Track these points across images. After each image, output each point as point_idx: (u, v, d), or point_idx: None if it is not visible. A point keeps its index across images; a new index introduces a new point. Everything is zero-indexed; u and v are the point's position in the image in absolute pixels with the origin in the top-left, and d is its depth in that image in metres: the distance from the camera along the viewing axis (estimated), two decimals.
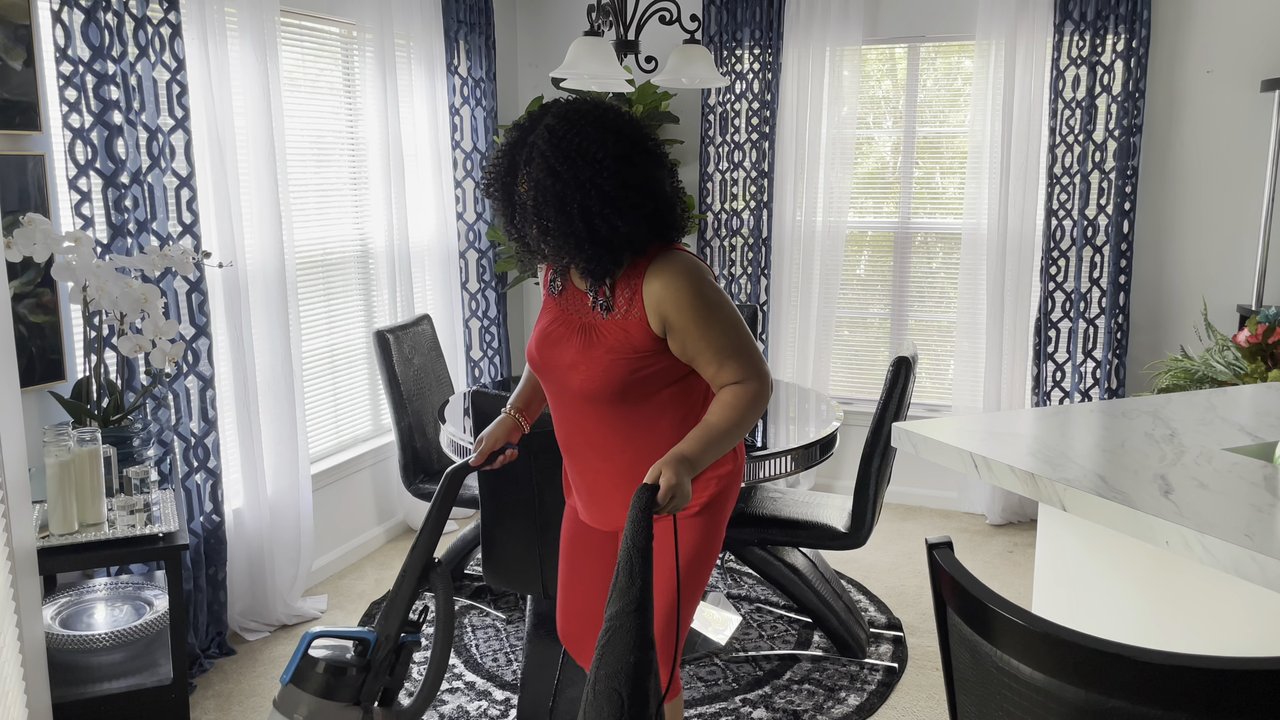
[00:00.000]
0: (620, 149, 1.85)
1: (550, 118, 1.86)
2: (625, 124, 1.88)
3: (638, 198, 1.86)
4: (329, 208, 4.05)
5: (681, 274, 1.89)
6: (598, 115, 1.86)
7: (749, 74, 4.73)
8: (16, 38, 2.69)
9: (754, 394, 1.93)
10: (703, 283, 1.90)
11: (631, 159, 1.86)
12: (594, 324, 1.97)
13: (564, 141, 1.82)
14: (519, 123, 1.92)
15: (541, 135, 1.84)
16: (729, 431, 1.90)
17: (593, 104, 1.89)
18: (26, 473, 2.10)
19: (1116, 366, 4.41)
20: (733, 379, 1.93)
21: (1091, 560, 1.85)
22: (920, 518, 4.72)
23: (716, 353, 1.91)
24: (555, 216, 1.84)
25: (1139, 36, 4.16)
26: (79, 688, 2.41)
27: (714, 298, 1.91)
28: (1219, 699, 0.96)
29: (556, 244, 1.87)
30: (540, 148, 1.83)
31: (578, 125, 1.84)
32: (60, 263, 2.57)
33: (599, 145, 1.83)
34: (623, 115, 1.89)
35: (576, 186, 1.82)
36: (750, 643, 3.43)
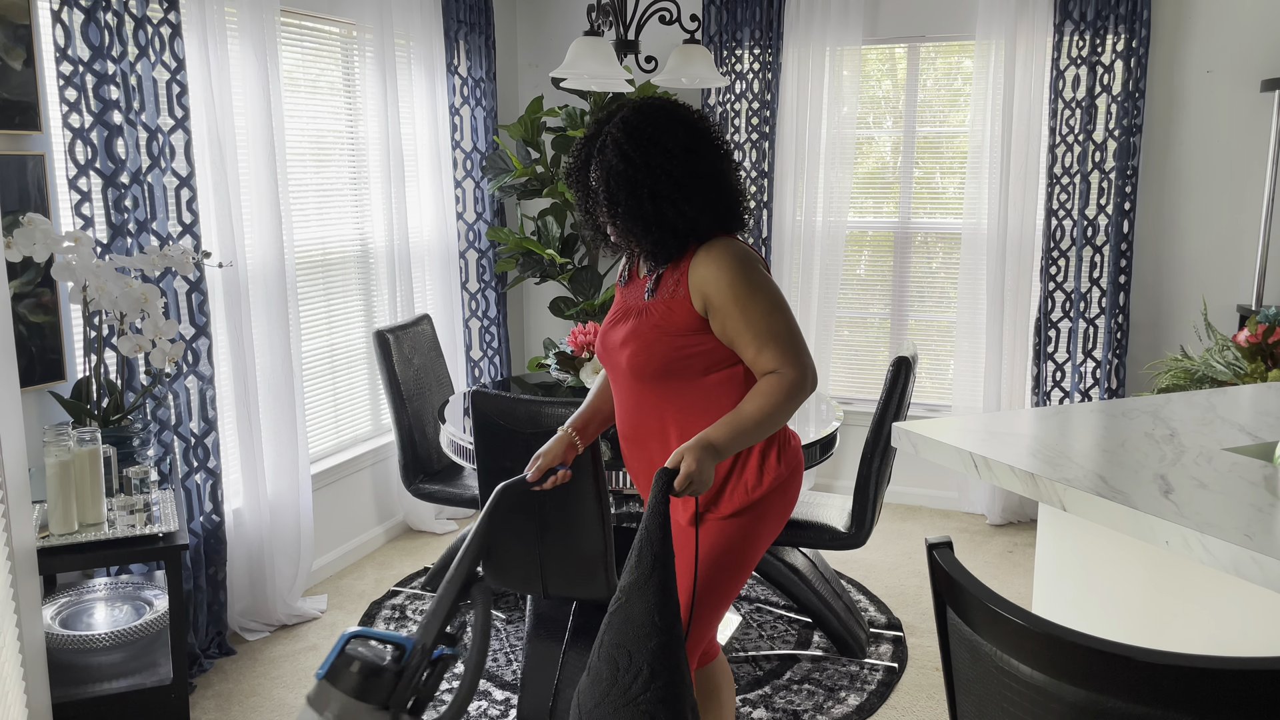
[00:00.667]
0: (690, 140, 1.96)
1: (626, 110, 1.97)
2: (696, 119, 1.99)
3: (704, 186, 1.96)
4: (329, 208, 4.05)
5: (727, 256, 1.94)
6: (670, 109, 1.98)
7: (749, 74, 4.73)
8: (16, 38, 2.69)
9: (791, 384, 1.93)
10: (748, 266, 1.95)
11: (699, 150, 1.96)
12: (646, 306, 2.03)
13: (638, 131, 1.94)
14: (595, 118, 2.05)
15: (617, 125, 1.96)
16: (761, 421, 1.91)
17: (665, 100, 2.01)
18: (26, 473, 2.10)
19: (1116, 366, 4.41)
20: (771, 366, 1.94)
21: (1091, 560, 1.85)
22: (920, 518, 4.72)
23: (755, 335, 1.94)
24: (627, 199, 1.94)
25: (1139, 36, 4.16)
26: (79, 688, 2.41)
27: (757, 280, 1.95)
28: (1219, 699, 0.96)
29: (626, 226, 1.97)
30: (615, 136, 1.95)
31: (651, 116, 1.95)
32: (60, 263, 2.57)
33: (670, 135, 1.94)
34: (693, 111, 2.00)
35: (648, 171, 1.92)
36: (750, 643, 3.43)
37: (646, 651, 1.74)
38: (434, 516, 4.53)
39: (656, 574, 1.77)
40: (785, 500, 2.09)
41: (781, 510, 2.09)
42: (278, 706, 3.06)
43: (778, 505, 2.07)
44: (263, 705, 3.06)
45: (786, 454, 2.08)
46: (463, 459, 3.11)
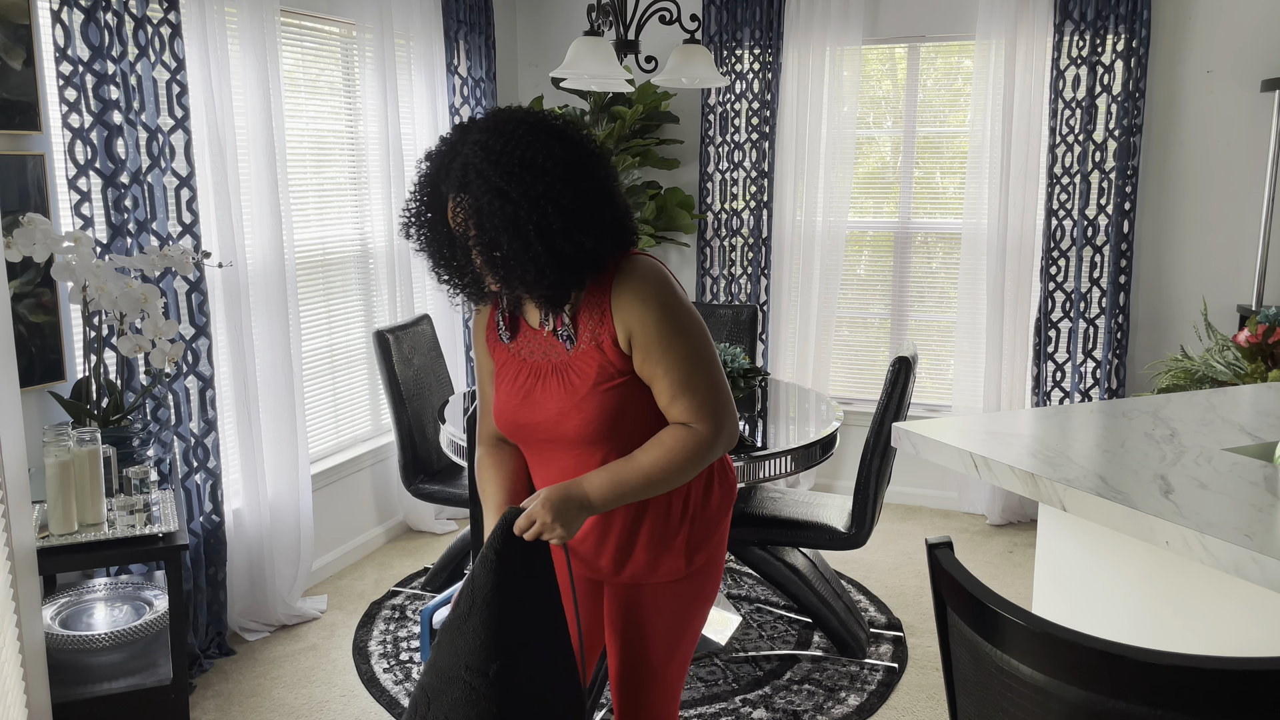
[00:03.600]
0: (568, 154, 1.64)
1: (478, 133, 1.64)
2: (565, 126, 1.68)
3: (596, 205, 1.66)
4: (329, 208, 4.05)
5: (649, 282, 1.69)
6: (532, 122, 1.65)
7: (749, 74, 4.73)
8: (16, 38, 2.69)
9: (700, 442, 1.68)
10: (674, 299, 1.70)
11: (582, 164, 1.65)
12: (566, 361, 1.74)
13: (505, 156, 1.60)
14: (435, 150, 1.70)
15: (475, 154, 1.61)
16: (654, 480, 1.67)
17: (521, 111, 1.68)
18: (26, 473, 2.10)
19: (1116, 366, 4.41)
20: (683, 418, 1.70)
21: (1091, 560, 1.85)
22: (920, 518, 4.72)
23: (672, 383, 1.69)
24: (510, 242, 1.60)
25: (1139, 36, 4.16)
26: (79, 688, 2.41)
27: (685, 319, 1.70)
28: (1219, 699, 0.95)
29: (512, 274, 1.64)
30: (478, 167, 1.60)
31: (514, 135, 1.62)
32: (60, 263, 2.57)
33: (546, 154, 1.62)
34: (557, 117, 1.70)
35: (530, 205, 1.59)
36: (750, 643, 3.43)
37: (445, 703, 1.57)
38: (434, 516, 4.53)
39: (475, 617, 1.58)
40: (725, 530, 1.92)
41: (724, 540, 1.93)
42: (278, 706, 3.06)
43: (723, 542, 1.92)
44: (263, 705, 3.06)
45: (725, 484, 1.89)
46: (463, 459, 3.11)
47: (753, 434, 3.15)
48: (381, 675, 3.23)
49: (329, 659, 3.34)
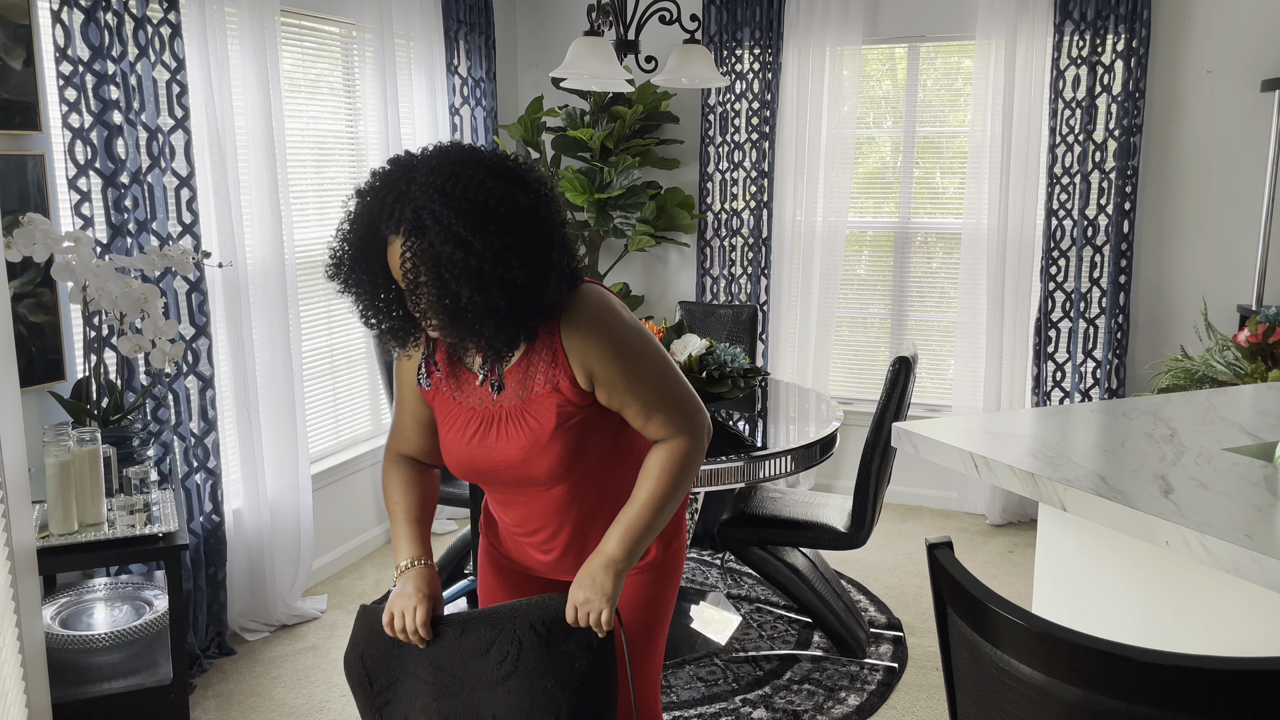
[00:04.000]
0: (528, 199, 1.55)
1: (429, 174, 1.51)
2: (522, 169, 1.58)
3: (556, 255, 1.58)
4: (329, 208, 4.05)
5: (599, 318, 1.64)
6: (491, 165, 1.55)
7: (749, 74, 4.73)
8: (16, 38, 2.69)
9: (685, 454, 1.70)
10: (621, 324, 1.67)
11: (542, 212, 1.56)
12: (521, 407, 1.68)
13: (467, 203, 1.48)
14: (370, 185, 1.56)
15: (431, 198, 1.48)
16: (661, 509, 1.68)
17: (472, 151, 1.57)
18: (26, 473, 2.10)
19: (1116, 366, 4.41)
20: (661, 433, 1.70)
21: (1091, 560, 1.85)
22: (920, 518, 4.72)
23: (644, 405, 1.68)
24: (472, 295, 1.50)
25: (1139, 36, 4.16)
26: (79, 688, 2.41)
27: (637, 342, 1.67)
28: (1219, 699, 0.96)
29: (468, 326, 1.54)
30: (436, 213, 1.47)
31: (475, 181, 1.50)
32: (60, 263, 2.57)
33: (510, 203, 1.51)
34: (509, 156, 1.61)
35: (495, 257, 1.49)
36: (750, 643, 3.43)
37: None
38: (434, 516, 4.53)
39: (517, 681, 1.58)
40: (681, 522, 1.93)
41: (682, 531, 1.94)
42: (278, 706, 3.06)
43: (683, 533, 1.94)
44: (263, 705, 3.06)
45: None
46: None
47: (753, 434, 3.15)
48: None
49: (329, 659, 3.34)
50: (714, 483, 2.83)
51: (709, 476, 2.81)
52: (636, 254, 5.18)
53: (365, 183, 1.57)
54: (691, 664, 3.28)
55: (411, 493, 1.80)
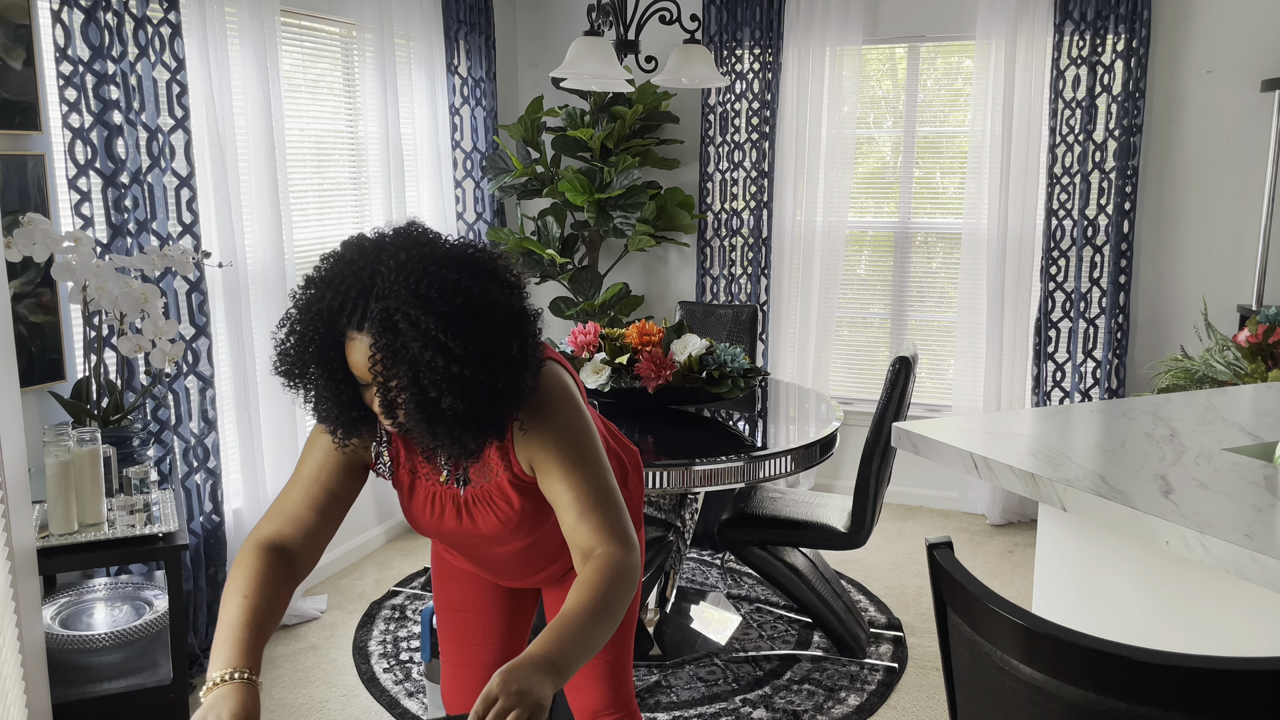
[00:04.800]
0: (508, 297, 1.44)
1: (397, 270, 1.37)
2: (494, 262, 1.47)
3: (533, 350, 1.48)
4: (329, 208, 4.05)
5: (552, 410, 1.55)
6: (464, 261, 1.42)
7: (749, 74, 4.73)
8: (16, 38, 2.69)
9: (618, 567, 1.49)
10: (570, 413, 1.57)
11: (514, 304, 1.45)
12: (486, 490, 1.64)
13: (445, 304, 1.36)
14: (326, 274, 1.41)
15: (404, 300, 1.35)
16: (599, 616, 1.43)
17: (440, 243, 1.43)
18: (26, 473, 2.10)
19: (1116, 366, 4.41)
20: (589, 541, 1.53)
21: (1091, 560, 1.85)
22: (920, 518, 4.72)
23: (580, 500, 1.54)
24: (454, 402, 1.38)
25: (1139, 36, 4.16)
26: (79, 688, 2.41)
27: (585, 435, 1.57)
28: (1219, 699, 0.96)
29: (443, 433, 1.43)
30: (411, 316, 1.35)
31: (450, 281, 1.37)
32: (60, 263, 2.57)
33: (487, 300, 1.40)
34: (475, 246, 1.48)
35: (477, 361, 1.37)
36: (750, 643, 3.43)
37: None
38: None
39: None
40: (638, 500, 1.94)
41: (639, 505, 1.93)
42: (278, 706, 3.06)
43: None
44: (263, 705, 3.06)
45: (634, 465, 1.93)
46: None
47: (753, 434, 3.15)
48: (381, 675, 3.23)
49: (329, 659, 3.34)
50: (714, 483, 2.83)
51: (709, 476, 2.81)
52: (636, 254, 5.18)
53: (320, 269, 1.42)
54: (691, 664, 3.28)
55: (264, 592, 1.48)
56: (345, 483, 1.60)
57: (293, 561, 1.56)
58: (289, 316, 1.44)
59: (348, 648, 3.42)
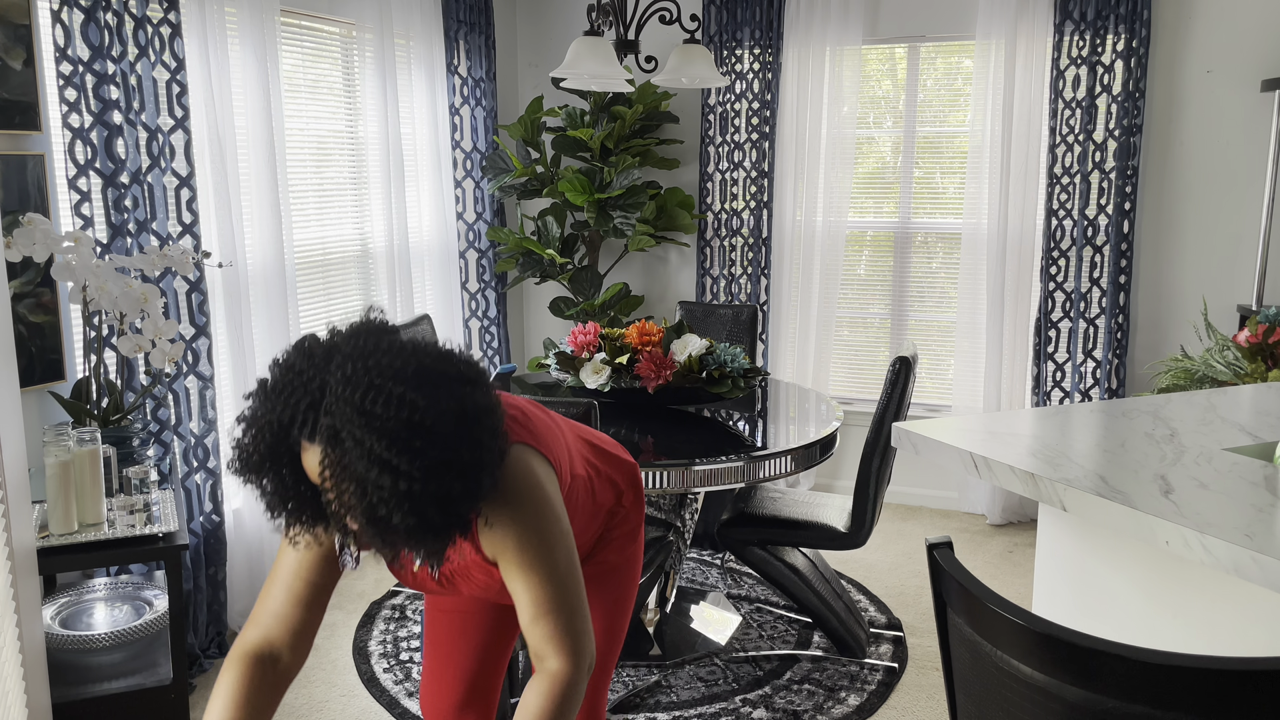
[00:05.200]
0: (453, 402, 1.36)
1: (346, 386, 1.33)
2: (442, 359, 1.40)
3: (489, 448, 1.41)
4: (329, 208, 4.05)
5: (515, 505, 1.51)
6: (410, 371, 1.35)
7: (749, 74, 4.73)
8: (16, 38, 2.69)
9: (563, 688, 1.49)
10: (539, 514, 1.53)
11: (466, 411, 1.37)
12: (465, 565, 1.64)
13: (390, 420, 1.31)
14: (279, 385, 1.38)
15: (348, 417, 1.31)
16: None
17: (389, 350, 1.37)
18: (26, 473, 2.10)
19: (1116, 366, 4.41)
20: (543, 645, 1.51)
21: (1091, 560, 1.85)
22: (920, 518, 4.72)
23: (533, 600, 1.51)
24: (404, 517, 1.34)
25: (1139, 36, 4.16)
26: (79, 688, 2.41)
27: (550, 533, 1.53)
28: (1219, 699, 0.95)
29: (399, 543, 1.39)
30: (356, 434, 1.31)
31: (395, 394, 1.32)
32: (60, 263, 2.57)
33: (434, 411, 1.33)
34: (427, 348, 1.41)
35: (424, 475, 1.32)
36: (750, 643, 3.43)
37: None
38: None
39: None
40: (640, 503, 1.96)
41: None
42: (278, 706, 3.06)
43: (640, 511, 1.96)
44: None
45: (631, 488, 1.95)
46: None
47: (753, 434, 3.15)
48: (381, 675, 3.23)
49: (329, 659, 3.34)
50: (714, 483, 2.83)
51: (709, 476, 2.81)
52: (636, 254, 5.18)
53: (273, 375, 1.40)
54: (691, 664, 3.28)
55: (244, 710, 1.50)
56: (326, 572, 1.59)
57: (279, 665, 1.57)
58: (244, 418, 1.41)
59: (348, 648, 3.42)
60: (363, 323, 1.44)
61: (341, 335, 1.41)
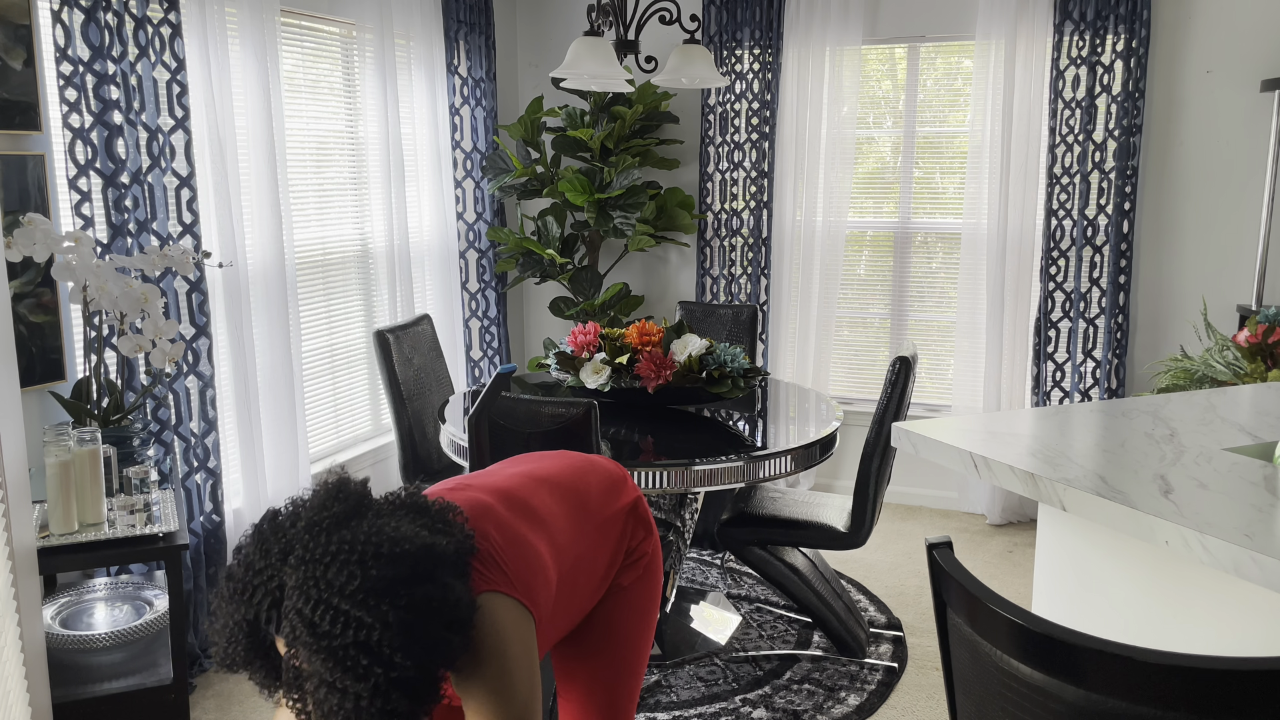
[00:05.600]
0: (404, 612, 1.36)
1: (295, 595, 1.36)
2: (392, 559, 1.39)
3: (441, 653, 1.40)
4: (329, 208, 4.05)
5: (474, 662, 1.50)
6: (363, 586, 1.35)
7: (749, 74, 4.73)
8: (16, 38, 2.69)
9: None
10: (507, 668, 1.52)
11: (414, 625, 1.36)
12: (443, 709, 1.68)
13: (336, 639, 1.33)
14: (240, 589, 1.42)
15: (299, 630, 1.35)
16: None
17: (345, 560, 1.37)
18: (26, 473, 2.10)
19: (1116, 366, 4.41)
20: None
21: (1091, 560, 1.85)
22: (920, 518, 4.72)
23: None
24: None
25: (1139, 36, 4.16)
26: (79, 688, 2.41)
27: (515, 687, 1.51)
28: (1219, 699, 0.96)
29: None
30: (306, 655, 1.35)
31: (342, 613, 1.34)
32: (60, 263, 2.57)
33: (379, 629, 1.34)
34: (379, 538, 1.40)
35: (371, 693, 1.34)
36: (750, 643, 3.43)
37: None
38: None
39: None
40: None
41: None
42: None
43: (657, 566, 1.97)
44: (262, 705, 3.06)
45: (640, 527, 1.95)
46: (463, 459, 3.11)
47: (753, 434, 3.15)
48: None
49: None
50: (714, 483, 2.83)
51: (709, 476, 2.81)
52: (636, 254, 5.18)
53: (233, 575, 1.44)
54: (691, 664, 3.28)
55: None
56: None
57: None
58: (215, 615, 1.45)
59: None
60: (324, 502, 1.45)
61: (300, 526, 1.42)
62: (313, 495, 1.48)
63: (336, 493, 1.47)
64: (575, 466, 1.90)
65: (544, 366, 4.48)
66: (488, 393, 2.54)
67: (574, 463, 1.92)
